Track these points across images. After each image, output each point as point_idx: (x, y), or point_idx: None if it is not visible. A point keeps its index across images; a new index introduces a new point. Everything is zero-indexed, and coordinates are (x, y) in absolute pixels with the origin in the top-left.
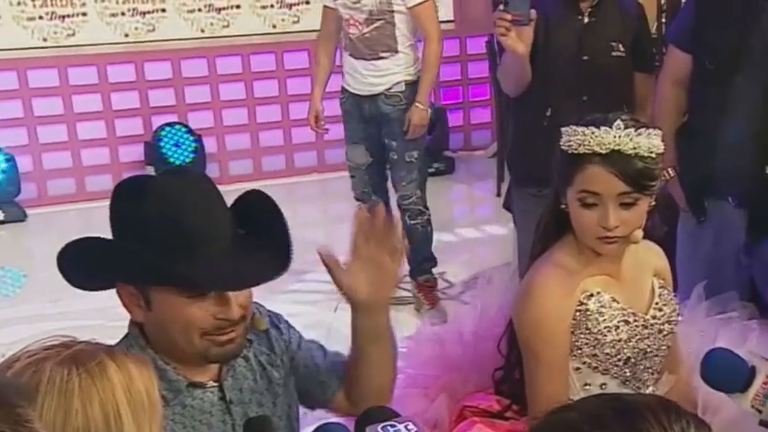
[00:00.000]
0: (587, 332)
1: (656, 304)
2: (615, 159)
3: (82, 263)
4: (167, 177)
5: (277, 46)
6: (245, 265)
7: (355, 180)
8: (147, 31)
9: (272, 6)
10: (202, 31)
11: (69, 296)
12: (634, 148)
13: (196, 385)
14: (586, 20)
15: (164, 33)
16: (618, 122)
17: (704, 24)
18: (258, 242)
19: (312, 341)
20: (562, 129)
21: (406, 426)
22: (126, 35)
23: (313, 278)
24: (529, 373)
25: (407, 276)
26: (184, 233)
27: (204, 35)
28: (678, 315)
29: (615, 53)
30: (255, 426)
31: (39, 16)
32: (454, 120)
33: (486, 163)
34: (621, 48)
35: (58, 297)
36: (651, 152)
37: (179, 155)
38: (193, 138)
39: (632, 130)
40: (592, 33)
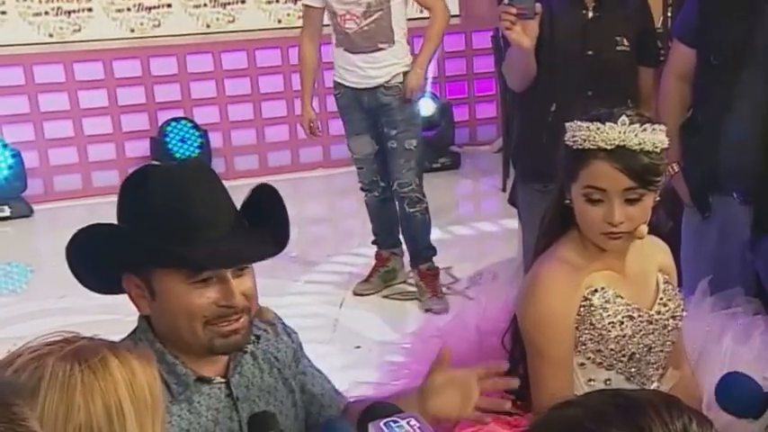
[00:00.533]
0: (592, 328)
1: (661, 300)
2: (620, 155)
3: (87, 251)
4: (170, 166)
5: (282, 41)
6: (240, 245)
7: (363, 171)
8: (153, 27)
9: (278, 1)
10: (208, 27)
11: (75, 292)
12: (639, 144)
13: (204, 380)
14: (590, 14)
15: (169, 29)
16: (623, 118)
17: (708, 20)
18: (259, 229)
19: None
20: (567, 124)
21: (408, 422)
22: (132, 30)
23: (319, 273)
24: (533, 369)
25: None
26: (185, 218)
27: (210, 30)
28: (683, 310)
29: (620, 48)
30: (260, 421)
31: (45, 12)
32: (460, 114)
33: (491, 158)
34: (626, 42)
35: (64, 293)
36: (656, 147)
37: (185, 150)
38: (199, 133)
39: (637, 126)
40: (596, 28)
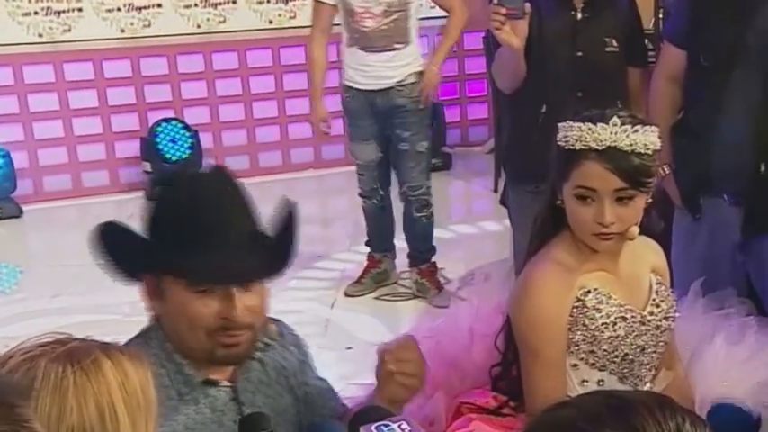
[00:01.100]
0: (584, 328)
1: (654, 300)
2: (611, 156)
3: (108, 246)
4: (195, 173)
5: (273, 42)
6: (249, 261)
7: (365, 178)
8: (143, 27)
9: (269, 2)
10: (198, 27)
11: (66, 292)
12: (630, 145)
13: (210, 383)
14: (580, 16)
15: (160, 29)
16: (614, 119)
17: (699, 22)
18: (270, 243)
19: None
20: (559, 124)
21: (400, 425)
22: (122, 31)
23: (310, 274)
24: (526, 370)
25: (407, 271)
26: (191, 226)
27: (200, 31)
28: (675, 311)
29: (609, 49)
30: (252, 421)
31: (34, 12)
32: (451, 116)
33: (483, 159)
34: (615, 43)
35: (55, 293)
36: (648, 149)
37: (175, 151)
38: (190, 133)
39: (629, 127)
40: (585, 29)
